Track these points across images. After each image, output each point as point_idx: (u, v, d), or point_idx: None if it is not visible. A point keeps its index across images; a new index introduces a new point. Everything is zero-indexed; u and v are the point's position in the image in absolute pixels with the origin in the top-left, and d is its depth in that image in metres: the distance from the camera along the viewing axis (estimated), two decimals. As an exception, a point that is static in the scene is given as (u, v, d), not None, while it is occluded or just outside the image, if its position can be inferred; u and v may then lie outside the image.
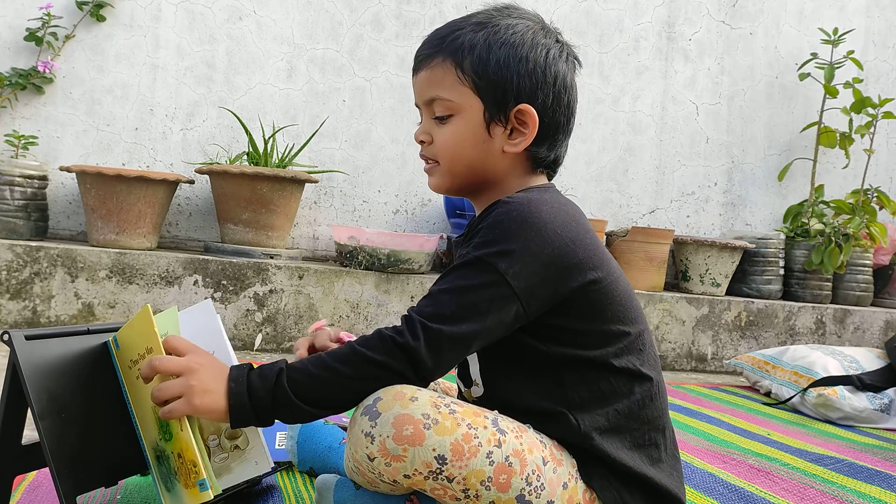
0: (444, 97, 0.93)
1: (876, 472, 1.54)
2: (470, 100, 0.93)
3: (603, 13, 3.27)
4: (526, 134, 0.93)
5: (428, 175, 1.00)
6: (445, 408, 0.82)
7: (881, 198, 3.34)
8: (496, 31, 0.92)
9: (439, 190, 1.00)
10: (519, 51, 0.92)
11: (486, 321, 0.83)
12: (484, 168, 0.95)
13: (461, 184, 0.98)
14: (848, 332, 3.08)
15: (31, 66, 2.64)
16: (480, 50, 0.92)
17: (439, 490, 0.82)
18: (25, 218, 2.46)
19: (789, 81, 3.49)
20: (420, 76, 0.96)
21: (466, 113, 0.93)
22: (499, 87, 0.92)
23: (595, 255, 0.89)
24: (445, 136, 0.95)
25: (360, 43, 2.99)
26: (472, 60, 0.92)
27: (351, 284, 2.51)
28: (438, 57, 0.94)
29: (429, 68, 0.95)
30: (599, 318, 0.88)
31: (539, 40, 0.94)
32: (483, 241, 0.86)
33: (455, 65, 0.92)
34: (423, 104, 0.97)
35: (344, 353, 0.84)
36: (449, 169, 0.96)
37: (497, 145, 0.94)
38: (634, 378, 0.89)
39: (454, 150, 0.95)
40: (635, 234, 2.97)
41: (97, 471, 0.94)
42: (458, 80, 0.92)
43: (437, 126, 0.96)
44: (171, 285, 2.38)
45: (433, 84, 0.94)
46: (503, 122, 0.93)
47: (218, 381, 0.84)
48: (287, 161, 2.71)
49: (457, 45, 0.92)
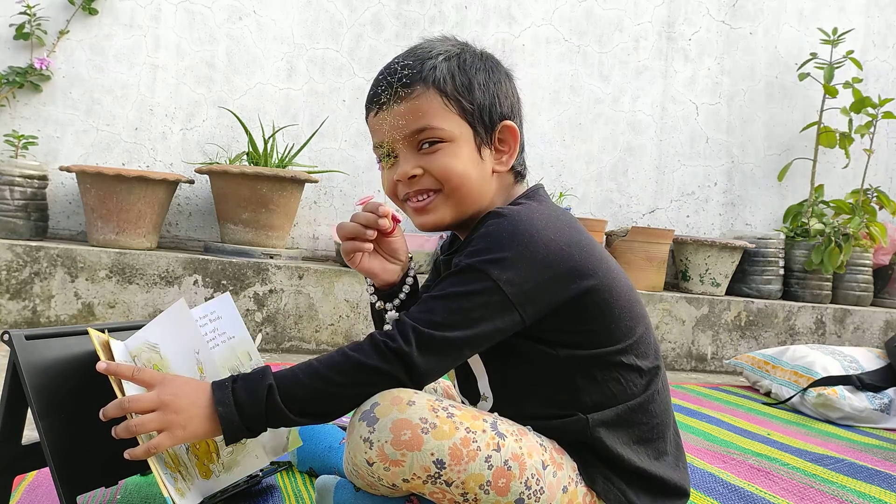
0: (435, 125, 0.91)
1: (876, 472, 1.55)
2: (460, 126, 0.92)
3: (603, 13, 3.27)
4: (509, 151, 0.95)
5: (421, 214, 0.95)
6: (443, 411, 0.82)
7: (881, 198, 3.34)
8: (463, 59, 0.93)
9: (440, 224, 0.95)
10: (493, 74, 0.95)
11: (478, 328, 0.83)
12: (480, 192, 0.94)
13: (462, 211, 0.94)
14: (848, 331, 3.08)
15: (27, 64, 2.64)
16: (460, 76, 0.92)
17: (438, 494, 0.82)
18: (25, 218, 2.46)
19: (789, 81, 3.49)
20: (396, 109, 0.91)
21: (458, 140, 0.91)
22: (486, 110, 0.93)
23: (592, 256, 0.89)
24: (444, 161, 0.91)
25: (360, 43, 2.99)
26: (456, 87, 0.91)
27: (351, 284, 2.51)
28: (418, 87, 0.91)
29: (408, 100, 0.91)
30: (605, 318, 0.88)
31: (497, 65, 0.97)
32: (476, 250, 0.85)
33: (440, 92, 0.91)
34: (402, 138, 0.92)
35: (336, 360, 0.84)
36: (453, 194, 0.92)
37: (488, 168, 0.94)
38: (643, 373, 0.90)
39: (459, 171, 0.91)
40: (635, 234, 2.97)
41: (97, 471, 0.94)
42: (445, 108, 0.91)
43: (427, 156, 0.92)
44: (170, 285, 2.38)
45: (419, 115, 0.91)
46: (489, 144, 0.94)
47: (197, 406, 0.83)
48: (287, 161, 2.71)
49: (436, 75, 0.91)
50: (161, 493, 1.01)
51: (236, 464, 1.04)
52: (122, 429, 0.84)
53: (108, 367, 0.87)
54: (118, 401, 0.84)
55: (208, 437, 0.84)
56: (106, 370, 0.87)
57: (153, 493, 1.10)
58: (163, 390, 0.84)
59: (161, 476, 0.87)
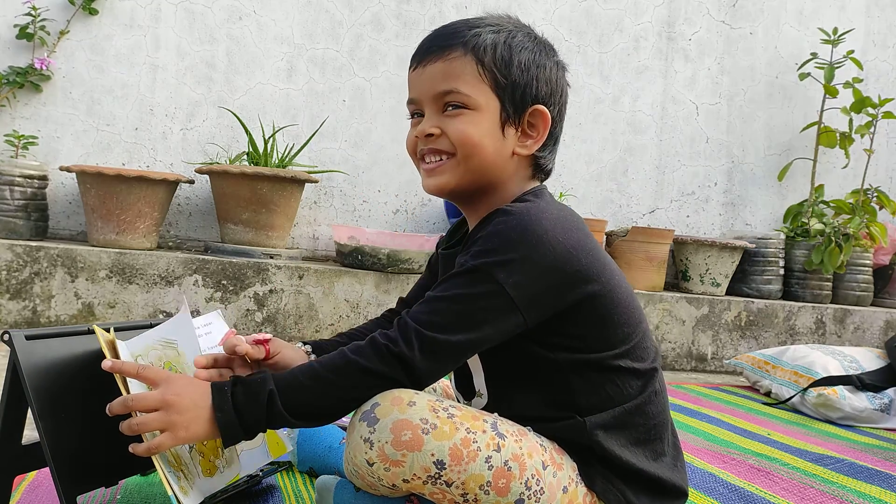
0: (462, 91, 0.90)
1: (876, 472, 1.54)
2: (488, 98, 0.91)
3: (603, 13, 3.27)
4: (536, 137, 0.93)
5: (429, 176, 0.94)
6: (444, 412, 0.82)
7: (881, 198, 3.34)
8: (514, 35, 0.92)
9: (444, 189, 0.94)
10: (538, 57, 0.93)
11: (482, 330, 0.83)
12: (494, 168, 0.93)
13: (469, 182, 0.93)
14: (848, 331, 3.08)
15: (28, 64, 2.64)
16: (502, 50, 0.91)
17: (438, 494, 0.82)
18: (25, 218, 2.46)
19: (789, 81, 3.49)
20: (431, 68, 0.92)
21: (483, 110, 0.91)
22: (518, 88, 0.91)
23: (596, 260, 0.88)
24: (463, 126, 0.90)
25: (360, 43, 2.99)
26: (495, 58, 0.90)
27: (351, 284, 2.51)
28: (458, 50, 0.91)
29: (445, 60, 0.91)
30: (604, 323, 0.88)
31: (551, 52, 0.95)
32: (482, 250, 0.84)
33: (476, 60, 0.90)
34: (430, 97, 0.92)
35: (337, 362, 0.84)
36: (465, 162, 0.91)
37: (508, 147, 0.93)
38: (639, 376, 0.90)
39: (476, 140, 0.90)
40: (635, 234, 2.97)
41: (97, 471, 0.94)
42: (477, 77, 0.90)
43: (448, 119, 0.92)
44: (171, 285, 2.38)
45: (450, 77, 0.91)
46: (516, 124, 0.93)
47: (200, 408, 0.83)
48: (287, 161, 2.71)
49: (479, 41, 0.91)
50: (164, 492, 1.01)
51: (236, 460, 1.05)
52: (125, 426, 0.84)
53: (114, 365, 0.87)
54: (122, 398, 0.85)
55: (210, 438, 0.84)
56: (111, 368, 0.87)
57: (153, 493, 1.10)
58: (167, 389, 0.84)
59: (165, 474, 0.87)
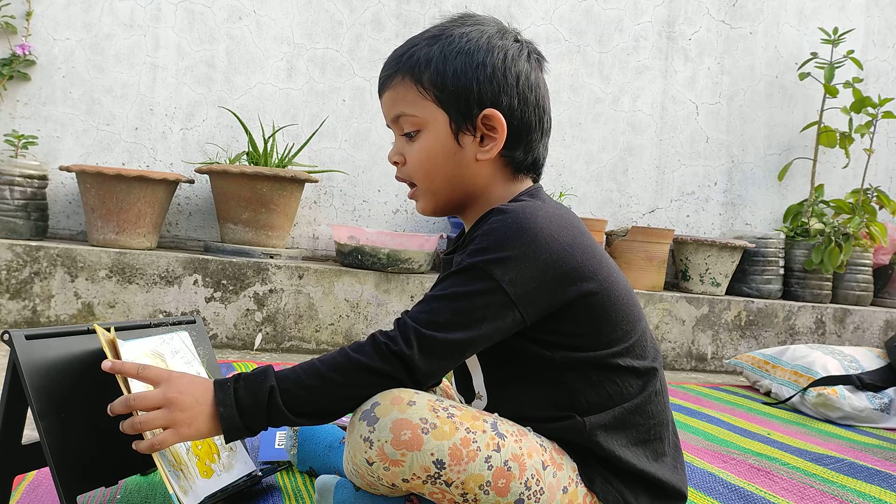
0: (408, 113, 0.94)
1: (876, 472, 1.55)
2: (434, 113, 0.93)
3: (603, 13, 3.27)
4: (496, 139, 0.93)
5: (413, 199, 1.00)
6: (444, 412, 0.82)
7: (881, 197, 3.34)
8: (450, 42, 0.92)
9: (426, 212, 1.00)
10: (475, 57, 0.92)
11: (480, 328, 0.83)
12: (462, 180, 0.95)
13: (445, 201, 0.97)
14: (848, 331, 3.08)
15: (10, 54, 2.63)
16: (437, 62, 0.92)
17: (438, 494, 0.82)
18: (25, 218, 2.46)
19: (789, 81, 3.49)
20: (385, 97, 0.97)
21: (432, 126, 0.93)
22: (460, 97, 0.92)
23: (593, 258, 0.88)
24: (415, 154, 0.95)
25: (360, 42, 2.99)
26: (430, 74, 0.92)
27: (351, 284, 2.51)
28: (398, 76, 0.94)
29: (391, 88, 0.95)
30: (602, 321, 0.88)
31: (495, 43, 0.93)
32: (478, 248, 0.85)
33: (414, 81, 0.93)
34: (391, 123, 0.98)
35: (338, 361, 0.84)
36: (427, 188, 0.96)
37: (469, 155, 0.93)
38: (639, 375, 0.90)
39: (426, 166, 0.94)
40: (635, 234, 2.97)
41: (97, 471, 0.94)
42: (419, 96, 0.93)
43: (408, 144, 0.96)
44: (171, 285, 2.38)
45: (397, 102, 0.95)
46: (471, 131, 0.93)
47: (202, 404, 0.83)
48: (287, 161, 2.71)
49: (413, 62, 0.93)
50: (164, 492, 1.01)
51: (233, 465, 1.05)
52: (127, 425, 0.84)
53: (114, 366, 0.87)
54: (124, 398, 0.85)
55: (213, 435, 0.84)
56: (111, 369, 0.87)
57: (153, 493, 1.10)
58: (168, 388, 0.84)
59: (166, 473, 0.87)
